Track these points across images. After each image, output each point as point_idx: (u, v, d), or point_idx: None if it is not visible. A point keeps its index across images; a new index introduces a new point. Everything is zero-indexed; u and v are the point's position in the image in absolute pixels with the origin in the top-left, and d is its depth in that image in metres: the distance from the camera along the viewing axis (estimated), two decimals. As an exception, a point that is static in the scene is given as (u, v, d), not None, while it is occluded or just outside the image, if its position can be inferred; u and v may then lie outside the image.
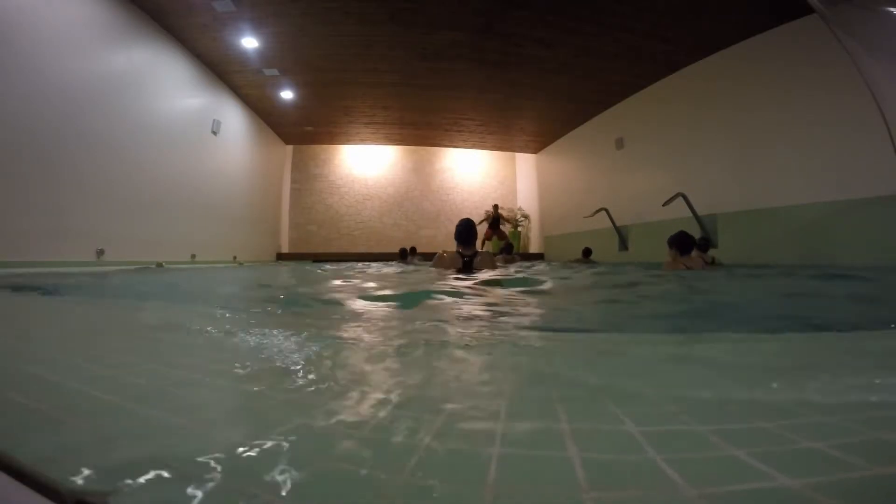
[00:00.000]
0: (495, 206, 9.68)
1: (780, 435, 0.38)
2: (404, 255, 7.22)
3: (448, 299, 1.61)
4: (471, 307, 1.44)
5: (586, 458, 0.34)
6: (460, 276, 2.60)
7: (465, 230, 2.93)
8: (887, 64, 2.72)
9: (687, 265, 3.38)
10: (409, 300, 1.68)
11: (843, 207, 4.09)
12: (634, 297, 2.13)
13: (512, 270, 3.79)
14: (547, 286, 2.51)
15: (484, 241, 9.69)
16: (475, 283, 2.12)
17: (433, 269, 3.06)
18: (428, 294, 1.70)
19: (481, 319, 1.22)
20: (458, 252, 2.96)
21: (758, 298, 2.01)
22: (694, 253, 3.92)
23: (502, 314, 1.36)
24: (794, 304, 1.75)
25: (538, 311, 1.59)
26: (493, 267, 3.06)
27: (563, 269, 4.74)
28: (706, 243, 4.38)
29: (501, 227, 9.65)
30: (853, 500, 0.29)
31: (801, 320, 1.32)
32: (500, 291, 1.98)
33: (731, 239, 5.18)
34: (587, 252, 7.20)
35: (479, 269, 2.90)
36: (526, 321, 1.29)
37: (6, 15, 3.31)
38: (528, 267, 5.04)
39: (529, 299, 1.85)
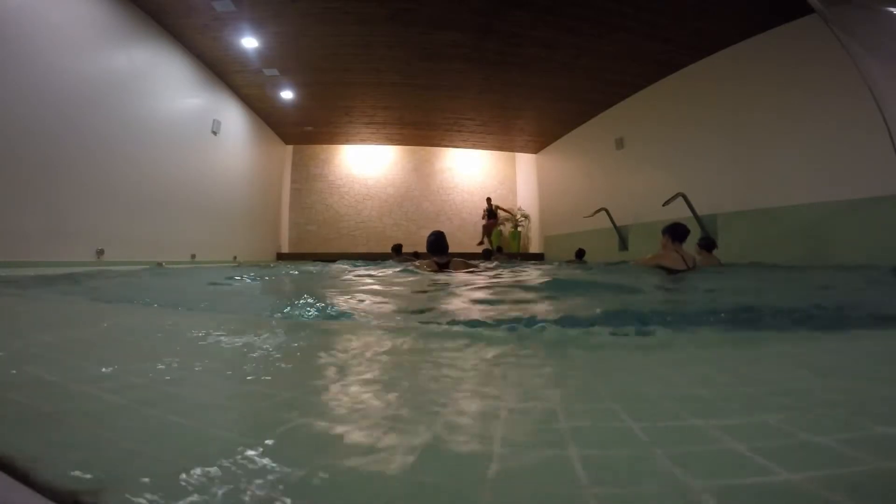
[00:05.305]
0: (488, 199, 10.09)
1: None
2: (398, 252, 7.13)
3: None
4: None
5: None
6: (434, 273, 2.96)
7: (435, 242, 3.13)
8: (887, 64, 2.72)
9: (682, 256, 3.19)
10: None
11: (843, 207, 4.08)
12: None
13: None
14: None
15: (483, 237, 9.78)
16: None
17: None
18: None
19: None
20: (433, 261, 3.14)
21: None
22: (700, 257, 3.84)
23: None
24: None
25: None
26: (465, 268, 3.27)
27: (538, 268, 4.76)
28: (711, 243, 4.19)
29: (500, 225, 10.08)
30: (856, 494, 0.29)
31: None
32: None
33: (731, 239, 5.17)
34: (580, 253, 7.20)
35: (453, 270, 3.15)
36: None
37: (6, 15, 3.31)
38: (498, 266, 5.09)
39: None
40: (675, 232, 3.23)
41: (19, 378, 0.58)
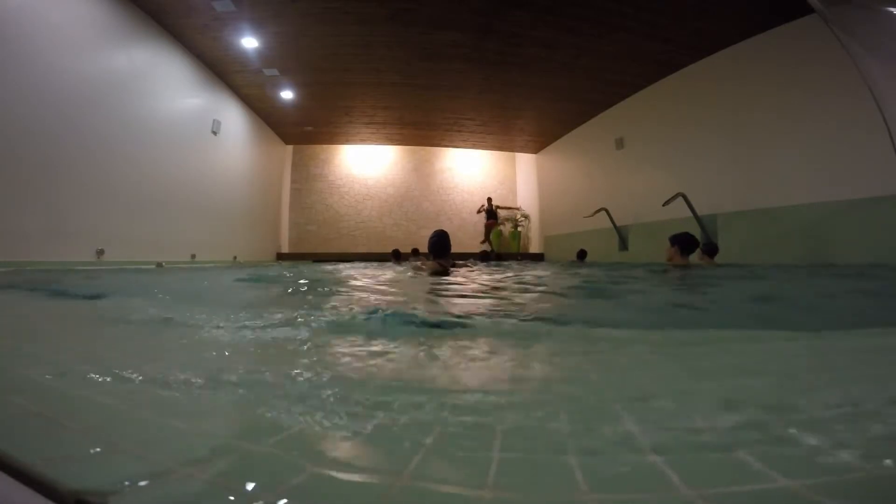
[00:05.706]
0: (489, 199, 10.10)
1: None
2: (398, 257, 7.13)
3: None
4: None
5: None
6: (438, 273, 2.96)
7: (437, 243, 2.97)
8: (887, 64, 2.72)
9: (689, 265, 3.36)
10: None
11: (843, 207, 4.08)
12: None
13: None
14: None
15: (487, 237, 9.79)
16: None
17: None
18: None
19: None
20: (437, 263, 3.08)
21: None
22: (702, 262, 3.89)
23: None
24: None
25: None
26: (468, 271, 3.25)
27: (529, 269, 4.81)
28: (714, 248, 4.20)
29: (500, 224, 10.12)
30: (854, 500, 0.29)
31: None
32: None
33: (732, 239, 5.17)
34: (582, 254, 7.20)
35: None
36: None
37: (6, 15, 3.31)
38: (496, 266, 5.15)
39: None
40: (686, 246, 3.37)
41: (20, 380, 0.58)
